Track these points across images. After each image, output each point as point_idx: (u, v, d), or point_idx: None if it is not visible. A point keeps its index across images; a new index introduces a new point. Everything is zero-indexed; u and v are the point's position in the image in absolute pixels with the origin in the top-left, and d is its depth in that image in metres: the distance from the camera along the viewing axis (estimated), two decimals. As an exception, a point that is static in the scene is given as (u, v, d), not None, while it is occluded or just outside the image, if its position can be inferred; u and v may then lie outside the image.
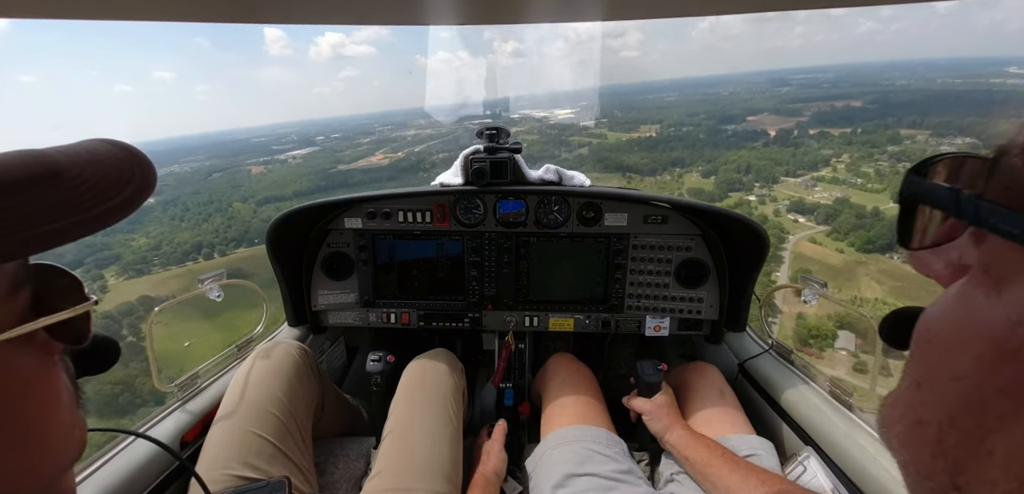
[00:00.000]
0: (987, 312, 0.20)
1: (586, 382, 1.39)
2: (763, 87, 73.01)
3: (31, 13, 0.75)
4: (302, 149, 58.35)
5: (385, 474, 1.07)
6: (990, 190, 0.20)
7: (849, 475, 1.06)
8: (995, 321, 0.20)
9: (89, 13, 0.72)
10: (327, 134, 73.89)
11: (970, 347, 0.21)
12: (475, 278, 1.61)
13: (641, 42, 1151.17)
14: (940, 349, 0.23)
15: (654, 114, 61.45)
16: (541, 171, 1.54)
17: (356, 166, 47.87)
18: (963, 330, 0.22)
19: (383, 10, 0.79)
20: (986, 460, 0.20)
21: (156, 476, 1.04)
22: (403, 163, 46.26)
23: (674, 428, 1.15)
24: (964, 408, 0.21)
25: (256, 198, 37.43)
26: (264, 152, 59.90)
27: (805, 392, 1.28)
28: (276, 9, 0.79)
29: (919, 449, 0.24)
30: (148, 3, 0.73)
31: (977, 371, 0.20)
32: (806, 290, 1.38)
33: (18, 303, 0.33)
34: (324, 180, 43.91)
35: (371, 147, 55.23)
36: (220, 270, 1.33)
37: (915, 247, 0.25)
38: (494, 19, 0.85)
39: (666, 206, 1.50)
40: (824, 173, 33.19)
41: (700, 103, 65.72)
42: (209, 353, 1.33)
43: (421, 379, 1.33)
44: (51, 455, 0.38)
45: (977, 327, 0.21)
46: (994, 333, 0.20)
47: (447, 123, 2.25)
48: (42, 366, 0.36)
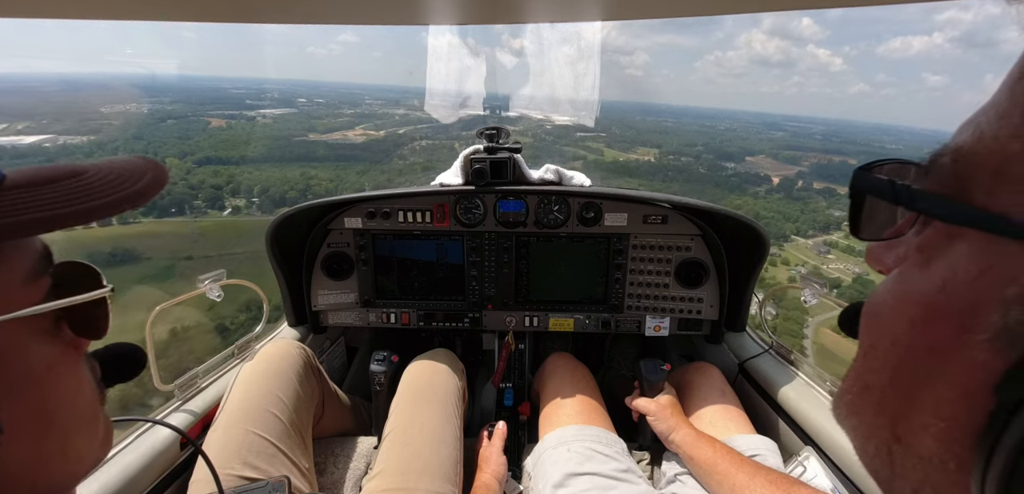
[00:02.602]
0: (918, 283, 0.24)
1: (584, 381, 1.39)
2: (758, 128, 72.44)
3: (31, 13, 0.75)
4: (277, 109, 54.37)
5: (386, 474, 1.07)
6: (926, 184, 0.24)
7: (849, 475, 1.06)
8: (924, 289, 0.23)
9: (89, 13, 0.72)
10: (310, 98, 69.17)
11: (905, 314, 0.24)
12: (475, 278, 1.61)
13: (647, 63, 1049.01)
14: (882, 320, 0.26)
15: (653, 137, 60.09)
16: (541, 171, 1.54)
17: (327, 138, 44.19)
18: (900, 301, 0.25)
19: (383, 10, 0.79)
20: (920, 410, 0.23)
21: (158, 476, 1.05)
22: (378, 143, 43.19)
23: (679, 428, 1.15)
24: (901, 367, 0.24)
25: (197, 155, 33.24)
26: (236, 105, 54.74)
27: (805, 392, 1.29)
28: (276, 9, 0.78)
29: (865, 410, 0.27)
30: (148, 3, 0.73)
31: (910, 334, 0.24)
32: (806, 290, 1.38)
33: (38, 290, 0.36)
34: (281, 148, 40.49)
35: (352, 120, 51.67)
36: (220, 271, 1.33)
37: (864, 237, 0.29)
38: (494, 19, 0.85)
39: (666, 206, 1.50)
40: (836, 238, 30.90)
41: (698, 133, 64.33)
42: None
43: (422, 379, 1.33)
44: (73, 449, 0.40)
45: (910, 296, 0.25)
46: (923, 299, 0.23)
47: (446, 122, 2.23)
48: (65, 357, 0.39)
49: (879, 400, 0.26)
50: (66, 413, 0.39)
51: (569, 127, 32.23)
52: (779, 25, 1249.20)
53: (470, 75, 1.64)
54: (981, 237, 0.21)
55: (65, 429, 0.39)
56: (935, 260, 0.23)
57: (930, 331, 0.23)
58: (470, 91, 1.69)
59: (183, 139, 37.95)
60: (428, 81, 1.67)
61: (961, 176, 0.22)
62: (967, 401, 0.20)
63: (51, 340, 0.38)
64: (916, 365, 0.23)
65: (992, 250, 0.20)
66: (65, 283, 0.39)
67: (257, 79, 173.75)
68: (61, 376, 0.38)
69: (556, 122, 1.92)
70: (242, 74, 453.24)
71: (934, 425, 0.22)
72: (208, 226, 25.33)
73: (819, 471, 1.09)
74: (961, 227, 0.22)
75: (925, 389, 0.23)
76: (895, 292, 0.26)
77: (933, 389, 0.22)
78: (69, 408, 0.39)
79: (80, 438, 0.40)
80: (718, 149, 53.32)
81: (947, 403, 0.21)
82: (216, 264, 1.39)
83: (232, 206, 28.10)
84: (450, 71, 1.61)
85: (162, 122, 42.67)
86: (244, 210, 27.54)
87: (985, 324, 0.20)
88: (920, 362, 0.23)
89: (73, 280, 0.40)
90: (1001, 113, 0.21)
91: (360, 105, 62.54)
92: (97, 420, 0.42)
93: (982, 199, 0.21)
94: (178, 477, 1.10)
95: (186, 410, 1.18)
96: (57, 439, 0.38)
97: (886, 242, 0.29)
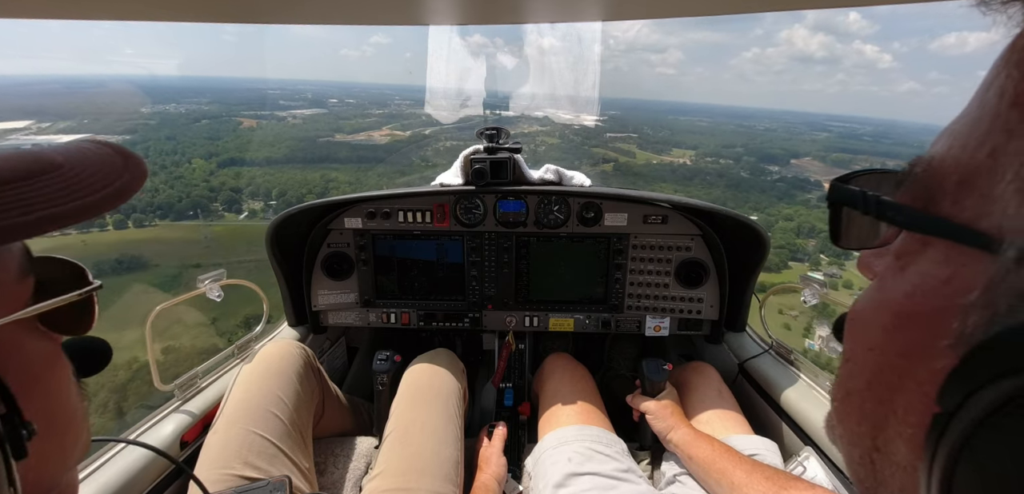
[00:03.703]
0: (892, 290, 0.25)
1: (583, 381, 1.39)
2: (800, 129, 69.23)
3: (31, 13, 0.75)
4: (308, 109, 54.68)
5: (386, 474, 1.07)
6: (900, 195, 0.25)
7: (849, 475, 1.06)
8: (897, 295, 0.24)
9: (89, 13, 0.72)
10: (342, 98, 69.20)
11: (879, 320, 0.25)
12: (475, 278, 1.61)
13: (680, 61, 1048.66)
14: (860, 326, 0.27)
15: (688, 138, 57.17)
16: (541, 171, 1.54)
17: (352, 139, 44.33)
18: (876, 307, 0.26)
19: (383, 10, 0.79)
20: (894, 418, 0.23)
21: (155, 478, 1.04)
22: (401, 144, 42.78)
23: (679, 427, 1.16)
24: (877, 374, 0.24)
25: (222, 157, 33.00)
26: (269, 106, 55.59)
27: (805, 392, 1.29)
28: (276, 9, 0.79)
29: (848, 417, 0.27)
30: (149, 3, 0.73)
31: (884, 340, 0.24)
32: (806, 290, 1.38)
33: (25, 289, 0.36)
34: (305, 149, 39.95)
35: (380, 120, 51.47)
36: (220, 270, 1.33)
37: (844, 246, 0.30)
38: (494, 19, 0.85)
39: (666, 206, 1.50)
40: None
41: (736, 134, 61.02)
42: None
43: (423, 379, 1.33)
44: (68, 446, 0.40)
45: (885, 303, 0.25)
46: (896, 305, 0.24)
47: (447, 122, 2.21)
48: (57, 353, 0.39)
49: (859, 406, 0.26)
50: (63, 410, 0.39)
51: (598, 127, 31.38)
52: (823, 20, 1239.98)
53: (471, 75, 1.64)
54: (946, 245, 0.21)
55: (63, 426, 0.39)
56: (909, 267, 0.24)
57: (901, 337, 0.23)
58: (470, 90, 1.69)
59: (213, 139, 37.65)
60: (428, 80, 1.67)
61: (930, 186, 0.23)
62: (931, 408, 0.20)
63: (43, 337, 0.38)
64: (890, 371, 0.23)
65: (956, 259, 0.21)
66: (50, 281, 0.38)
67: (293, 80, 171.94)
68: (57, 372, 0.38)
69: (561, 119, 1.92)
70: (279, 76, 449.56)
71: (904, 431, 0.22)
72: (221, 231, 25.14)
73: (819, 471, 1.09)
74: (928, 236, 0.23)
75: (898, 395, 0.23)
76: (873, 299, 0.27)
77: (904, 395, 0.22)
78: (65, 405, 0.39)
79: (72, 435, 0.40)
80: (759, 150, 50.50)
81: (914, 410, 0.21)
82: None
83: (249, 209, 27.72)
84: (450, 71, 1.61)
85: (196, 122, 42.64)
86: (260, 214, 27.11)
87: (948, 330, 0.20)
88: (893, 368, 0.23)
89: (57, 276, 0.39)
90: (971, 123, 0.22)
91: (389, 105, 62.28)
92: (85, 417, 0.42)
93: (949, 209, 0.22)
94: (173, 481, 1.09)
95: (186, 410, 1.18)
96: (57, 437, 0.38)
97: (875, 250, 0.29)
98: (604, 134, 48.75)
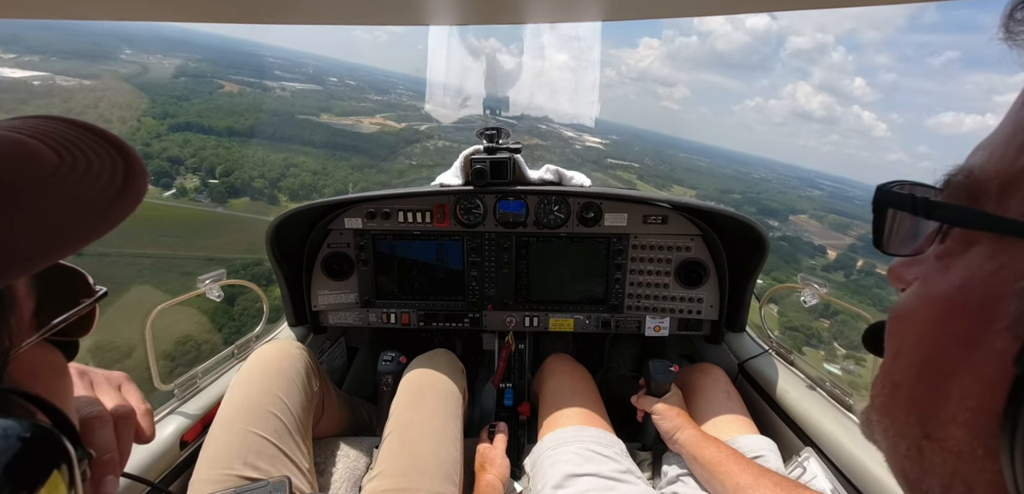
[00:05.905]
0: (940, 285, 0.26)
1: (583, 382, 1.39)
2: (793, 183, 70.25)
3: (31, 13, 0.75)
4: (301, 84, 51.20)
5: (386, 474, 1.07)
6: (942, 198, 0.27)
7: (849, 475, 1.06)
8: (946, 289, 0.26)
9: (89, 13, 0.72)
10: (343, 78, 66.09)
11: (928, 313, 0.27)
12: (475, 278, 1.61)
13: (685, 98, 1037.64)
14: (908, 322, 0.29)
15: (687, 176, 56.95)
16: (541, 171, 1.54)
17: (337, 122, 40.74)
18: (923, 302, 0.28)
19: (383, 10, 0.78)
20: (945, 404, 0.24)
21: (160, 474, 1.05)
22: (389, 137, 39.96)
23: (684, 428, 1.15)
24: (927, 363, 0.26)
25: (178, 119, 28.59)
26: (261, 74, 51.42)
27: (805, 392, 1.29)
28: (276, 9, 0.78)
29: (896, 408, 0.28)
30: (149, 3, 0.73)
31: (934, 330, 0.26)
32: (806, 290, 1.38)
33: (32, 302, 0.36)
34: (275, 125, 35.73)
35: (375, 108, 48.54)
36: (220, 270, 1.33)
37: (887, 250, 0.31)
38: (494, 19, 0.85)
39: (666, 206, 1.50)
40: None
41: (733, 179, 61.24)
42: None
43: (423, 379, 1.32)
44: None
45: (933, 297, 0.27)
46: (945, 297, 0.25)
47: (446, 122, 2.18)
48: (60, 362, 0.39)
49: (909, 396, 0.27)
50: (74, 417, 0.38)
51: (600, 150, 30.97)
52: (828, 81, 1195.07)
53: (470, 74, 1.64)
54: (994, 239, 0.23)
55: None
56: (954, 265, 0.26)
57: (953, 324, 0.24)
58: (470, 90, 1.68)
59: (181, 100, 33.06)
60: (429, 76, 1.67)
61: (973, 191, 0.25)
62: (991, 388, 0.21)
63: (50, 349, 0.38)
64: (941, 359, 0.25)
65: (1002, 253, 0.23)
66: (52, 288, 0.37)
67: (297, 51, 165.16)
68: (66, 381, 0.38)
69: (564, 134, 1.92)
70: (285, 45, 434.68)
71: (961, 415, 0.23)
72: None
73: (819, 472, 1.09)
74: (976, 232, 0.25)
75: (951, 381, 0.24)
76: (919, 295, 0.28)
77: (959, 380, 0.23)
78: (73, 413, 0.39)
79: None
80: (757, 200, 50.38)
81: (973, 393, 0.23)
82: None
83: (179, 187, 23.71)
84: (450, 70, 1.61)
85: (176, 78, 39.16)
86: (191, 194, 23.44)
87: (1003, 313, 0.21)
88: (945, 355, 0.24)
89: (53, 282, 0.38)
90: (1008, 135, 0.24)
91: (390, 94, 59.55)
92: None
93: (993, 209, 0.24)
94: (177, 477, 1.10)
95: (185, 411, 1.18)
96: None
97: (907, 260, 0.31)
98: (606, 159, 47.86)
